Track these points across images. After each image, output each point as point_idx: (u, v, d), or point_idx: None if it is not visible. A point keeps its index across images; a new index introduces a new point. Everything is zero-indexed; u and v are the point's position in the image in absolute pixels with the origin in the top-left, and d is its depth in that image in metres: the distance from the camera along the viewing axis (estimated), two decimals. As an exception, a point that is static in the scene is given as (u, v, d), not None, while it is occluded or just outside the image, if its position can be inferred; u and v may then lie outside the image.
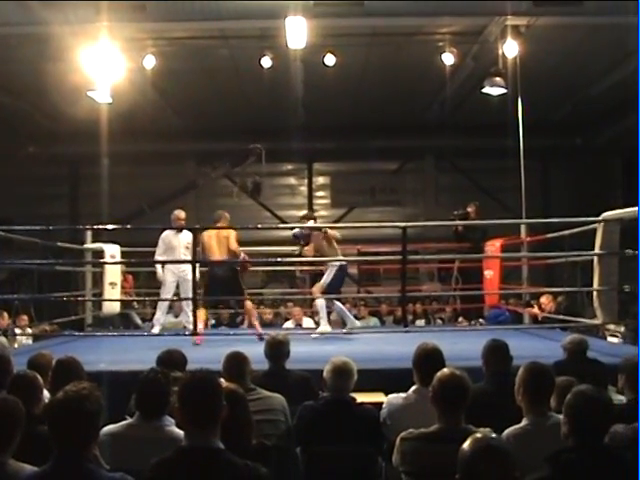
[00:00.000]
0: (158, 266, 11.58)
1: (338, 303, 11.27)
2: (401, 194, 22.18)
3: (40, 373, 5.18)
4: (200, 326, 10.24)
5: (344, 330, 11.07)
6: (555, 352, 7.14)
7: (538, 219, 13.62)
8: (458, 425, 4.24)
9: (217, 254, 10.45)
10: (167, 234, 11.34)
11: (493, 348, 5.82)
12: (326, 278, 10.94)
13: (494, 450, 3.29)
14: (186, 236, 11.24)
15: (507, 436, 4.42)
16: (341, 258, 11.26)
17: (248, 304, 11.14)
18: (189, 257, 11.02)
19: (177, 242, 11.28)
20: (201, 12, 11.22)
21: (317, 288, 11.05)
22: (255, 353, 6.20)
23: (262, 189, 12.78)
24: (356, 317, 15.38)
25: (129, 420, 4.55)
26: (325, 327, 10.99)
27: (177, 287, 11.40)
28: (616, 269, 9.58)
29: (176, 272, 11.30)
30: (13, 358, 5.83)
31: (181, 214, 11.45)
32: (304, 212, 12.24)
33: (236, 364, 5.55)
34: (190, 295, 10.70)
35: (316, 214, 20.97)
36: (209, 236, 10.40)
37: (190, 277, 10.95)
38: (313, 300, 12.54)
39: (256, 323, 10.86)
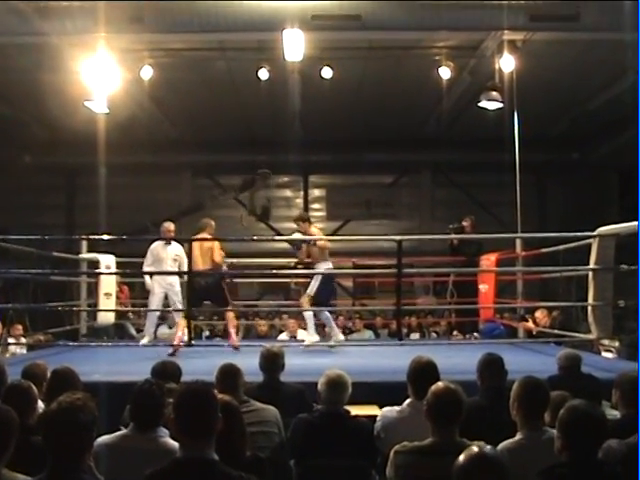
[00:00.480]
0: (147, 276, 11.60)
1: (327, 314, 11.25)
2: (397, 208, 22.17)
3: (35, 383, 5.17)
4: (179, 334, 10.39)
5: (329, 343, 11.06)
6: (549, 367, 7.15)
7: (534, 234, 13.63)
8: (452, 439, 4.22)
9: (200, 264, 10.48)
10: (156, 245, 11.35)
11: (488, 362, 5.82)
12: (311, 288, 10.94)
13: (489, 461, 3.29)
14: (174, 248, 11.27)
15: (501, 450, 4.40)
16: (330, 267, 11.27)
17: (229, 314, 11.14)
18: (176, 269, 11.18)
19: (165, 254, 11.27)
20: (199, 24, 11.23)
21: (304, 299, 11.05)
22: (249, 365, 6.20)
23: (271, 213, 12.76)
24: (351, 330, 15.44)
25: (123, 431, 4.54)
26: (313, 338, 10.99)
27: (165, 298, 11.39)
28: (611, 284, 9.61)
29: (163, 284, 11.29)
30: (7, 368, 5.82)
31: (170, 226, 11.47)
32: (297, 214, 12.15)
33: (229, 376, 5.54)
34: (179, 307, 10.86)
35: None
36: (193, 246, 10.41)
37: (178, 289, 11.06)
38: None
39: (233, 332, 10.91)
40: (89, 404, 3.62)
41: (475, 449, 3.35)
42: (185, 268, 10.89)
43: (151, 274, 11.26)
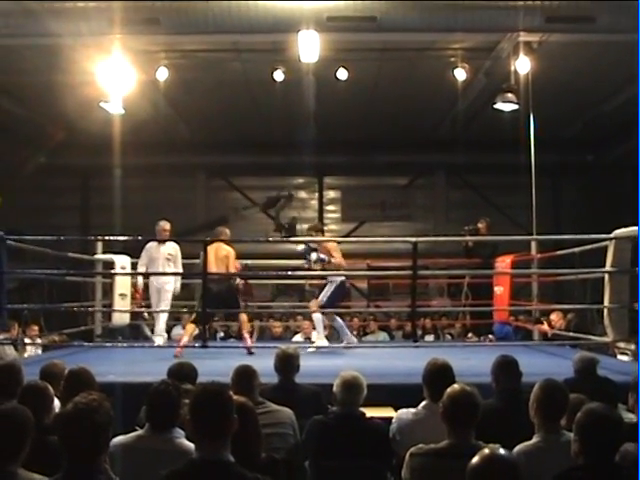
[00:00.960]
0: (140, 277, 11.66)
1: (338, 319, 11.24)
2: (412, 209, 22.14)
3: (52, 382, 5.19)
4: (185, 339, 10.40)
5: (342, 344, 11.04)
6: (565, 369, 7.12)
7: (549, 235, 13.58)
8: (468, 441, 4.21)
9: (213, 270, 10.47)
10: (150, 245, 11.42)
11: (503, 364, 5.81)
12: (323, 295, 10.94)
13: (503, 463, 3.28)
14: (167, 247, 11.39)
15: (518, 452, 4.40)
16: (343, 273, 11.26)
17: (243, 316, 11.13)
18: (170, 268, 11.35)
19: (158, 253, 11.33)
20: (214, 25, 11.23)
21: (314, 303, 11.03)
22: (265, 366, 6.20)
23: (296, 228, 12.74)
24: (365, 332, 15.43)
25: (139, 431, 4.54)
26: (322, 342, 10.96)
27: None
28: (627, 287, 9.56)
29: (155, 283, 11.35)
30: (23, 368, 5.83)
31: (166, 225, 11.57)
32: (312, 224, 12.11)
33: (245, 378, 5.53)
34: (166, 304, 11.21)
35: (326, 228, 21.09)
36: (209, 250, 10.41)
37: (170, 288, 11.28)
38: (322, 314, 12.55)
39: (247, 336, 10.89)
40: (105, 405, 3.62)
41: (488, 451, 3.34)
42: (180, 266, 11.14)
43: (151, 274, 11.34)
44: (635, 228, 9.40)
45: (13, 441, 3.78)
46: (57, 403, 5.19)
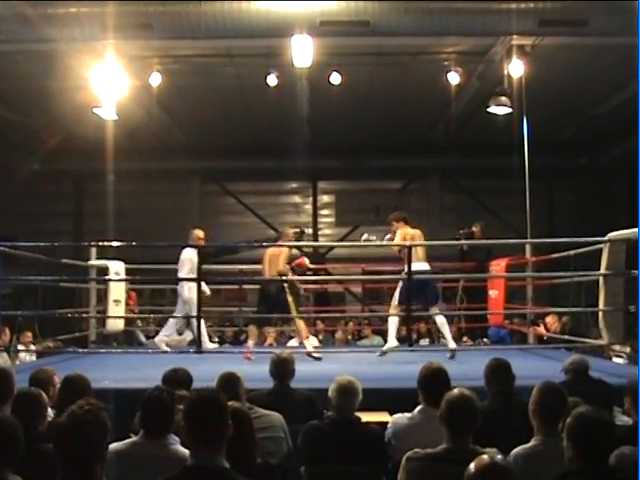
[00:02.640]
0: (186, 287, 11.46)
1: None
2: (406, 213, 22.11)
3: (42, 389, 5.17)
4: (250, 343, 10.62)
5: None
6: (560, 373, 7.11)
7: (543, 239, 13.59)
8: (466, 446, 4.19)
9: (267, 273, 10.49)
10: (191, 253, 11.28)
11: (495, 367, 5.81)
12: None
13: (500, 471, 3.27)
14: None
15: (515, 455, 4.40)
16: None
17: (299, 323, 10.92)
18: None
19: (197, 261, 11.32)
20: (207, 30, 11.23)
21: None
22: (259, 372, 6.19)
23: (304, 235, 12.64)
24: (360, 336, 15.42)
25: (133, 438, 4.53)
26: (392, 343, 10.73)
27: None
28: (622, 289, 9.58)
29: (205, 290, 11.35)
30: (16, 375, 5.80)
31: (200, 233, 11.54)
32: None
33: (230, 384, 5.51)
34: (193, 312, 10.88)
35: (320, 232, 21.10)
36: (265, 254, 10.56)
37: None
38: (317, 319, 12.56)
39: (306, 342, 10.79)
40: (101, 415, 3.60)
41: (486, 458, 3.33)
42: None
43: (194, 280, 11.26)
44: (634, 230, 9.41)
45: (3, 449, 3.76)
46: (50, 411, 5.17)
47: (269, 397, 5.96)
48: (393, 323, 10.71)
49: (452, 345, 10.50)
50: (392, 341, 10.57)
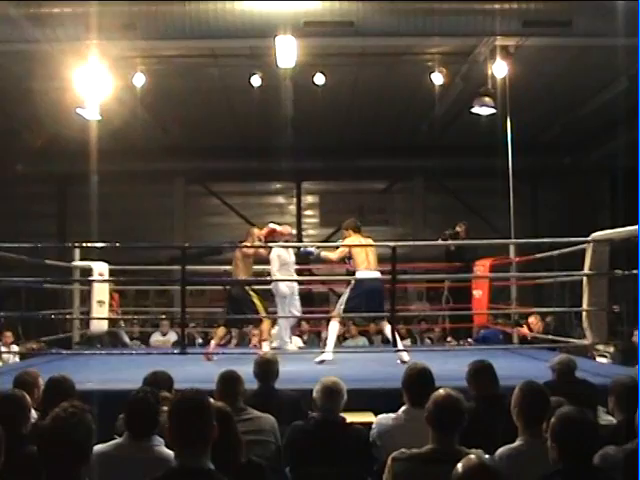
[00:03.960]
0: (280, 284, 11.45)
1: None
2: (390, 214, 22.16)
3: (26, 391, 5.13)
4: (213, 344, 10.81)
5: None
6: (544, 372, 7.12)
7: (527, 239, 13.62)
8: (451, 446, 4.19)
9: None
10: (281, 251, 11.28)
11: (477, 370, 5.79)
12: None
13: (487, 472, 3.27)
14: (291, 252, 11.47)
15: (500, 455, 4.40)
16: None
17: (266, 324, 10.90)
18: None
19: (289, 257, 11.32)
20: (191, 31, 11.21)
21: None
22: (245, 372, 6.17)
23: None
24: (345, 337, 15.39)
25: (118, 440, 4.50)
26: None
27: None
28: (605, 289, 9.61)
29: (289, 285, 11.33)
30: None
31: (289, 229, 11.75)
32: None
33: (230, 383, 5.51)
34: (298, 310, 11.29)
35: (304, 233, 21.08)
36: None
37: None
38: (302, 319, 12.58)
39: (264, 343, 10.76)
40: (85, 418, 3.54)
41: (474, 459, 3.34)
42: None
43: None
44: (618, 230, 9.45)
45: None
46: (33, 413, 5.14)
47: (254, 398, 5.94)
48: (334, 331, 10.43)
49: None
50: (329, 352, 10.16)
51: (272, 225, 11.37)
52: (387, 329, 10.21)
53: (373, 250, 10.48)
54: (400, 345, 10.28)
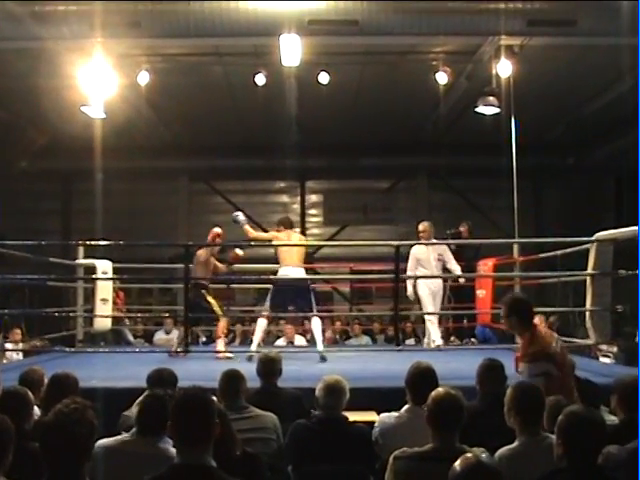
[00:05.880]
0: (409, 284, 11.48)
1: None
2: (394, 212, 22.13)
3: (31, 389, 5.15)
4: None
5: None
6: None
7: (531, 238, 13.60)
8: (452, 445, 4.19)
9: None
10: (417, 249, 11.28)
11: (489, 368, 5.79)
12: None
13: (484, 469, 3.28)
14: (437, 248, 11.62)
15: (500, 456, 4.40)
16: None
17: (222, 322, 10.99)
18: (438, 271, 11.62)
19: (427, 255, 11.33)
20: (195, 29, 11.21)
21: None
22: (247, 371, 6.17)
23: None
24: (348, 335, 15.40)
25: (124, 435, 4.50)
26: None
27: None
28: (609, 289, 9.60)
29: (431, 286, 11.43)
30: (2, 374, 5.78)
31: (422, 225, 11.98)
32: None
33: (233, 382, 5.52)
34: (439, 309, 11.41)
35: (308, 232, 21.06)
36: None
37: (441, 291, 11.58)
38: (305, 318, 12.56)
39: (219, 340, 10.87)
40: (87, 414, 3.55)
41: (471, 457, 3.34)
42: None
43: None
44: (621, 230, 9.44)
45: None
46: (36, 410, 5.15)
47: (256, 396, 5.94)
48: (260, 327, 10.55)
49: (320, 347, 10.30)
50: (254, 346, 10.26)
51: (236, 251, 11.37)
52: (314, 325, 10.37)
53: (300, 248, 10.66)
54: (320, 346, 10.26)
